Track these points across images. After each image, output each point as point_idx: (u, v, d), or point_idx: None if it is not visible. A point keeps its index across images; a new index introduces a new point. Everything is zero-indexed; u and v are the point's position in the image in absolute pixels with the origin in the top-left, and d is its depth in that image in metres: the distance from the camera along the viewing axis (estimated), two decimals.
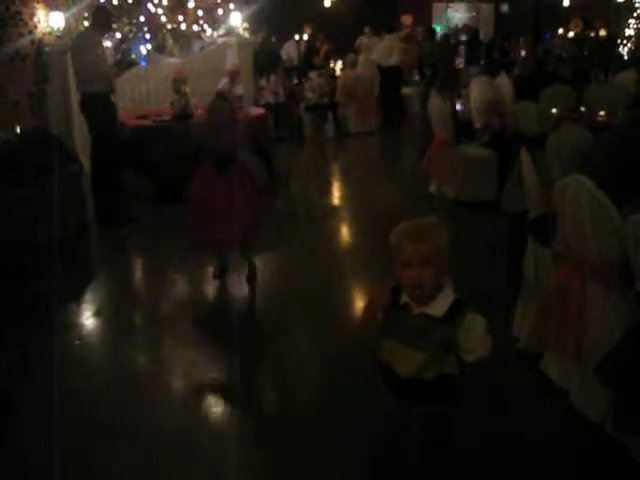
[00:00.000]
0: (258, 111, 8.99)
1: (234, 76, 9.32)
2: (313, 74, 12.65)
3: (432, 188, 7.95)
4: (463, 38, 17.16)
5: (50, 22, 8.48)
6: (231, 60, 9.87)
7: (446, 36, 15.24)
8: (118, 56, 10.59)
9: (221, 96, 5.96)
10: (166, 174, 7.67)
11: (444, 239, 2.43)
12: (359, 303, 5.10)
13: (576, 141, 4.61)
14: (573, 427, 3.43)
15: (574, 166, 3.89)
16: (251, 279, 5.49)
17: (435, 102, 7.87)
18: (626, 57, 14.86)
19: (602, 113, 7.26)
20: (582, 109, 7.62)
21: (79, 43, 7.12)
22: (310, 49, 14.49)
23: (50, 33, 8.48)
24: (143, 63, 10.20)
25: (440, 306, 2.42)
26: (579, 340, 3.37)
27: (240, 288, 5.46)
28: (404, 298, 2.46)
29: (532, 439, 3.37)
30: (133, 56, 10.90)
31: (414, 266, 2.36)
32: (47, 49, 8.27)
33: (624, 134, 4.10)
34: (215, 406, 3.85)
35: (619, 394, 3.05)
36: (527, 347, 4.06)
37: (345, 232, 7.20)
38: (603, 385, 3.15)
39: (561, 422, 3.50)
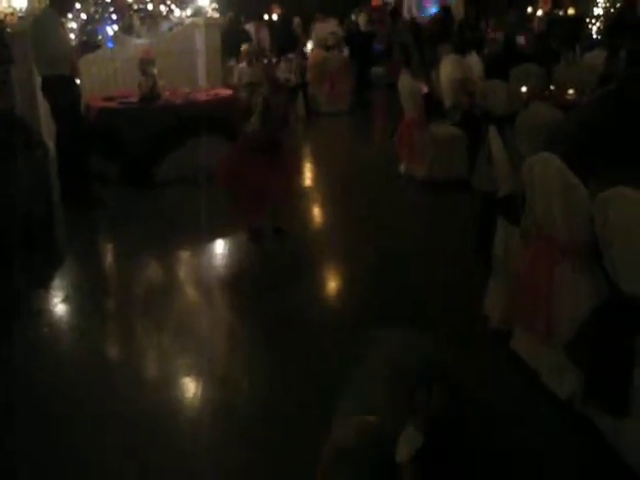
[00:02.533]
0: (228, 92, 8.87)
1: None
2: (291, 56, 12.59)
3: (402, 167, 7.95)
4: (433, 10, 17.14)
5: (12, 2, 8.29)
6: (200, 40, 9.74)
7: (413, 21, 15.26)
8: (84, 38, 10.38)
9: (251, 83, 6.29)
10: (133, 157, 7.58)
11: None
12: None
13: (545, 119, 4.62)
14: (542, 405, 3.44)
15: (543, 144, 3.89)
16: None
17: (405, 81, 7.83)
18: (595, 36, 14.89)
19: (571, 92, 7.30)
20: (552, 88, 7.64)
21: (38, 24, 6.91)
22: (284, 33, 14.29)
23: (12, 14, 8.29)
24: (110, 44, 10.00)
25: None
26: (548, 318, 3.38)
27: (212, 270, 5.43)
28: None
29: (502, 417, 3.37)
30: (99, 37, 10.69)
31: None
32: (9, 30, 8.07)
33: (592, 110, 4.12)
34: (188, 390, 3.78)
35: (589, 372, 3.07)
36: (498, 326, 4.07)
37: (317, 213, 7.18)
38: (574, 363, 3.16)
39: (530, 400, 3.51)
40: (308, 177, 8.61)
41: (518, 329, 3.80)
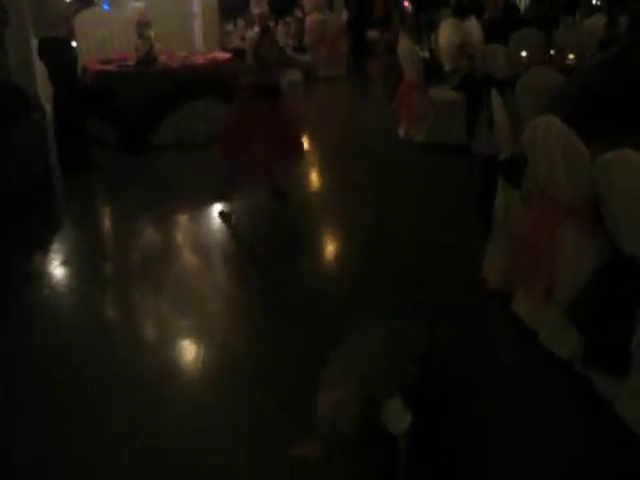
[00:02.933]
0: (225, 55, 8.79)
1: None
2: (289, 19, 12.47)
3: (401, 131, 7.93)
4: None
5: None
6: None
7: None
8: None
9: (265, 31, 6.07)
10: (130, 121, 7.53)
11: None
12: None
13: (546, 83, 4.61)
14: (542, 365, 3.48)
15: (544, 108, 3.88)
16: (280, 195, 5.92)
17: (405, 44, 7.78)
18: (594, 1, 14.76)
19: (571, 56, 7.25)
20: (552, 53, 7.60)
21: None
22: None
23: None
24: (105, 7, 9.88)
25: None
26: (550, 280, 3.40)
27: (209, 234, 5.44)
28: None
29: (502, 378, 3.42)
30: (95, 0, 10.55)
31: None
32: None
33: (593, 74, 4.11)
34: (187, 353, 3.80)
35: (590, 332, 3.09)
36: (498, 288, 4.09)
37: (315, 178, 7.16)
38: (574, 324, 3.19)
39: (530, 360, 3.55)
40: (306, 142, 8.58)
41: (519, 291, 3.82)
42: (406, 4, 12.65)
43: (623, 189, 2.88)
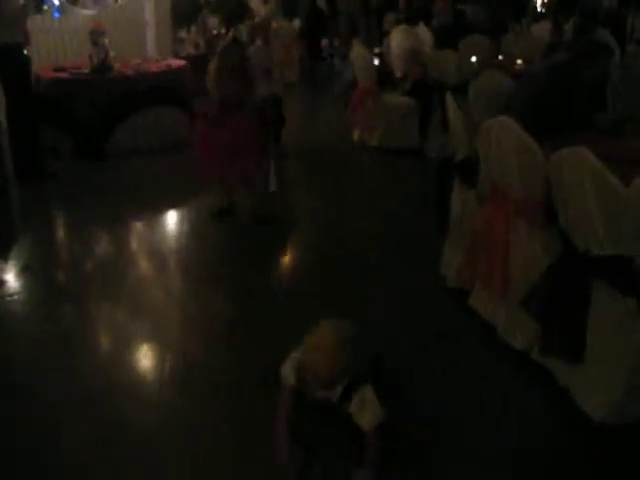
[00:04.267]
0: (179, 62, 8.81)
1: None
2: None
3: (355, 136, 8.06)
4: None
5: None
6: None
7: None
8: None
9: (234, 41, 5.95)
10: (85, 129, 7.50)
11: (349, 354, 2.54)
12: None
13: (497, 87, 4.78)
14: (500, 357, 3.60)
15: (497, 110, 4.03)
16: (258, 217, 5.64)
17: (358, 51, 7.91)
18: (539, 9, 15.13)
19: (519, 61, 7.49)
20: (500, 58, 7.83)
21: None
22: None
23: None
24: (56, 14, 9.82)
25: (338, 390, 2.63)
26: (504, 275, 3.53)
27: (168, 242, 5.46)
28: (308, 388, 2.66)
29: (462, 372, 3.53)
30: (45, 7, 10.47)
31: (321, 376, 2.54)
32: None
33: (542, 82, 4.29)
34: (144, 359, 3.79)
35: (545, 322, 3.22)
36: (455, 285, 4.22)
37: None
38: (530, 316, 3.32)
39: (489, 354, 3.67)
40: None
41: (476, 287, 3.95)
42: None
43: (573, 185, 3.01)
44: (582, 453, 2.93)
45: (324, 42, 14.49)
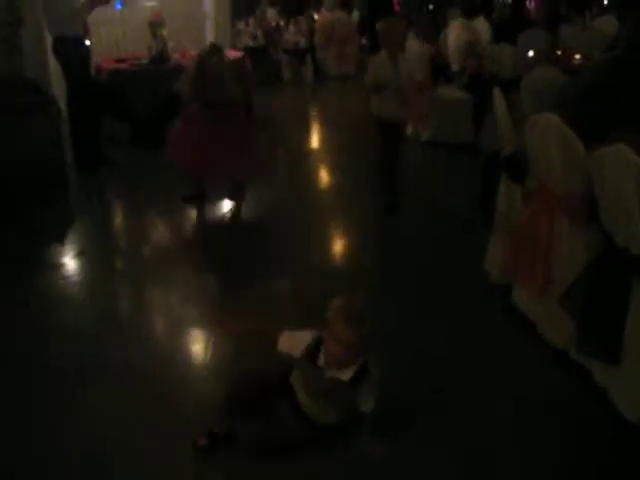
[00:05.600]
0: (237, 54, 8.92)
1: None
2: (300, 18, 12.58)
3: (408, 129, 8.03)
4: None
5: None
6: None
7: None
8: None
9: (213, 47, 5.99)
10: (144, 118, 7.67)
11: (369, 327, 2.72)
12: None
13: (549, 83, 4.71)
14: (538, 353, 3.59)
15: (549, 107, 3.98)
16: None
17: (413, 44, 7.88)
18: (605, 1, 14.78)
19: (578, 57, 7.32)
20: (558, 53, 7.68)
21: None
22: None
23: None
24: (119, 6, 10.03)
25: (349, 372, 2.78)
26: (546, 272, 3.51)
27: (220, 227, 5.56)
28: (321, 360, 2.80)
29: (502, 367, 3.52)
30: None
31: (341, 345, 2.69)
32: None
33: (596, 77, 4.20)
34: (198, 342, 3.86)
35: (583, 321, 3.20)
36: (498, 281, 4.20)
37: (323, 175, 7.29)
38: (568, 313, 3.30)
39: (528, 350, 3.65)
40: (315, 139, 8.71)
41: (517, 283, 3.94)
42: None
43: (615, 184, 2.98)
44: (614, 453, 2.91)
45: None
